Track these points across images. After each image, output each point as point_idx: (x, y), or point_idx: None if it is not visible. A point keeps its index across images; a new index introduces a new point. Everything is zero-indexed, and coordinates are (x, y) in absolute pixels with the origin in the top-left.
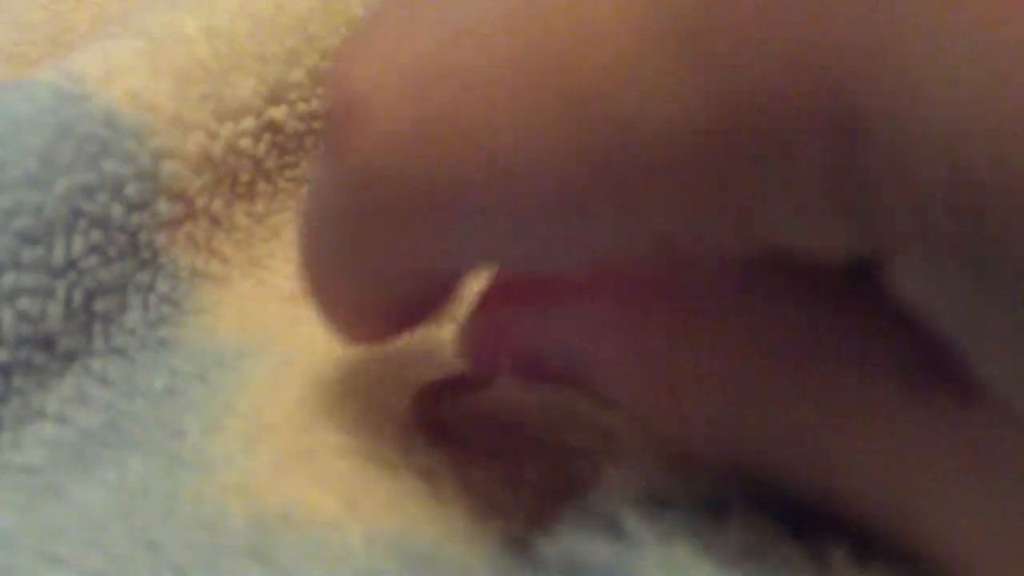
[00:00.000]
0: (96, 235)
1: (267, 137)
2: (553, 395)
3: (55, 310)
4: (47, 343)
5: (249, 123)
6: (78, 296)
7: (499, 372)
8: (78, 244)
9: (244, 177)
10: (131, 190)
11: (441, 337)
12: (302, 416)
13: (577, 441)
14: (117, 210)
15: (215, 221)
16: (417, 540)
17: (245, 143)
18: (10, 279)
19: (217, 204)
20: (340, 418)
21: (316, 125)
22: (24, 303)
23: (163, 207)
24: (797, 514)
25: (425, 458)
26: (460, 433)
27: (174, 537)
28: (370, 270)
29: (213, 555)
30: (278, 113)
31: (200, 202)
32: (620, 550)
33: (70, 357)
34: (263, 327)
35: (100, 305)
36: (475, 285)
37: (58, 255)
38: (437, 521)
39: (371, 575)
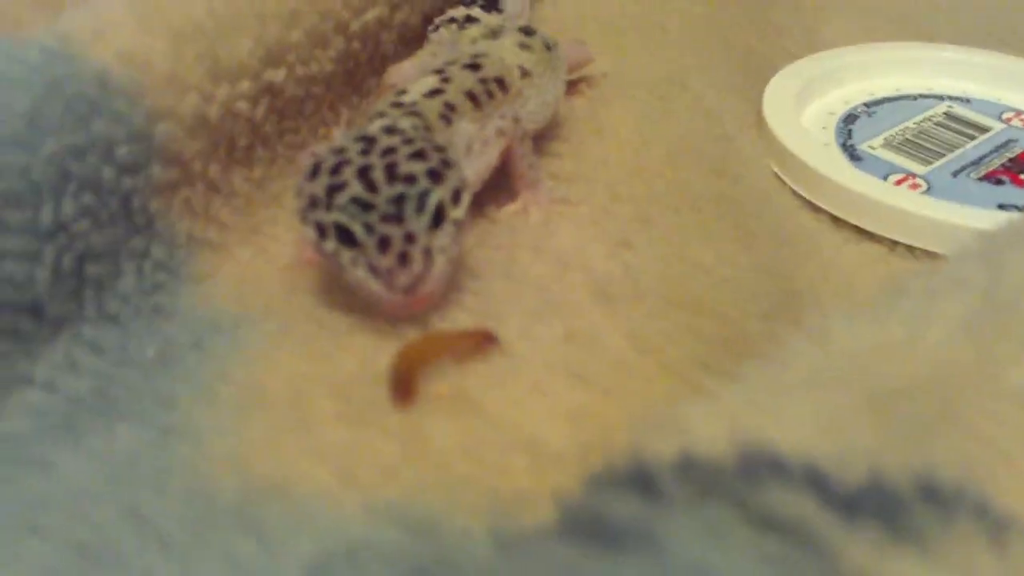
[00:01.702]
0: (87, 198)
1: (265, 100)
2: None
3: (43, 275)
4: (35, 308)
5: (246, 85)
6: (68, 261)
7: None
8: (68, 207)
9: (242, 141)
10: (123, 152)
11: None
12: (297, 384)
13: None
14: (108, 172)
15: (213, 186)
16: (415, 508)
17: (242, 106)
18: None
19: (214, 169)
20: (335, 385)
21: (316, 90)
22: (9, 267)
23: (157, 170)
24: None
25: (425, 424)
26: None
27: (162, 509)
28: None
29: (202, 527)
30: (276, 75)
31: (196, 166)
32: (651, 509)
33: (59, 323)
34: (261, 295)
35: (92, 270)
36: None
37: (46, 218)
38: (436, 488)
39: (367, 545)
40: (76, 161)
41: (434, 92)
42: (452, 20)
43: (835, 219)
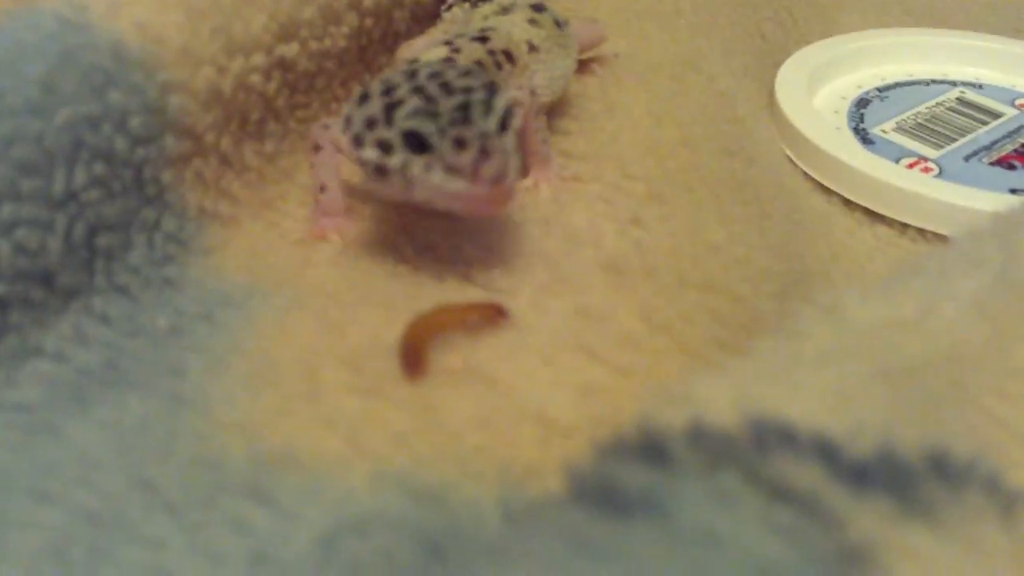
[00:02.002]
0: (99, 167)
1: (278, 75)
2: None
3: (54, 244)
4: (46, 278)
5: (259, 59)
6: (79, 230)
7: None
8: (80, 176)
9: (254, 115)
10: (136, 123)
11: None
12: (308, 356)
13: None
14: (121, 143)
15: (224, 160)
16: (425, 478)
17: (255, 80)
18: (8, 209)
19: (226, 142)
20: (346, 357)
21: (328, 65)
22: (22, 235)
23: (170, 142)
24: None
25: (434, 395)
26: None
27: (170, 476)
28: None
29: (211, 495)
30: (289, 51)
31: (209, 139)
32: (660, 477)
33: (70, 294)
34: (272, 269)
35: (102, 241)
36: None
37: (58, 186)
38: (446, 459)
39: (377, 515)
40: (90, 130)
41: (445, 61)
42: None
43: (847, 202)
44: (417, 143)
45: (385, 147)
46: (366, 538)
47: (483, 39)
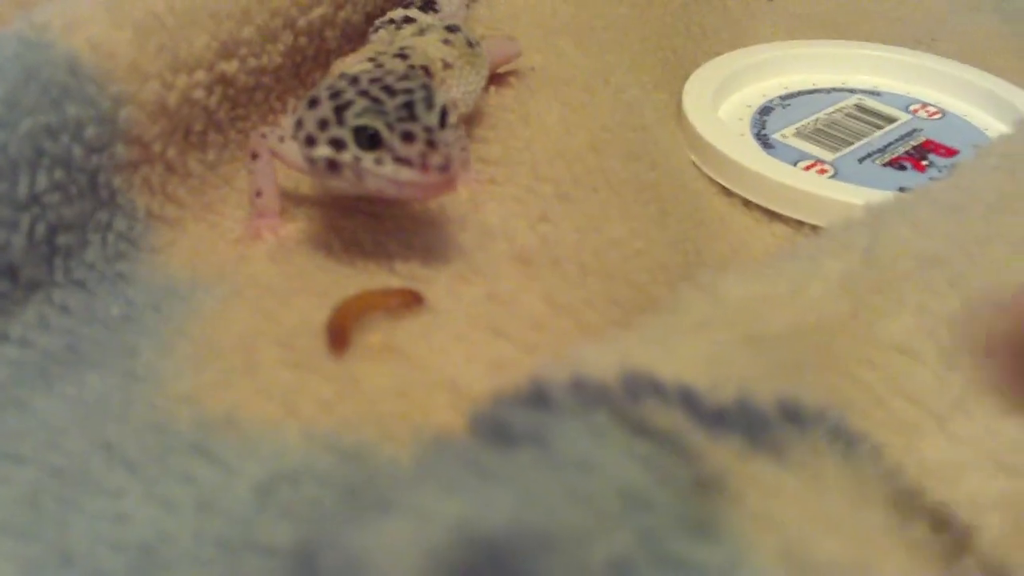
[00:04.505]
0: (59, 173)
1: (219, 89)
2: None
3: (19, 241)
4: (11, 271)
5: (202, 75)
6: (41, 230)
7: None
8: (42, 181)
9: (197, 127)
10: (90, 133)
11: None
12: (246, 338)
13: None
14: (77, 151)
15: (170, 167)
16: (349, 438)
17: (198, 94)
18: None
19: (172, 151)
20: (280, 338)
21: (265, 80)
22: None
23: (121, 151)
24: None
25: (357, 368)
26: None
27: (127, 438)
28: None
29: (162, 453)
30: (229, 67)
31: (156, 148)
32: (544, 417)
33: (32, 286)
34: (213, 265)
35: (62, 240)
36: None
37: (22, 190)
38: (367, 422)
39: (307, 469)
40: (50, 140)
41: (376, 69)
42: (391, 21)
43: (747, 202)
44: (367, 139)
45: (338, 144)
46: (297, 487)
47: (403, 56)
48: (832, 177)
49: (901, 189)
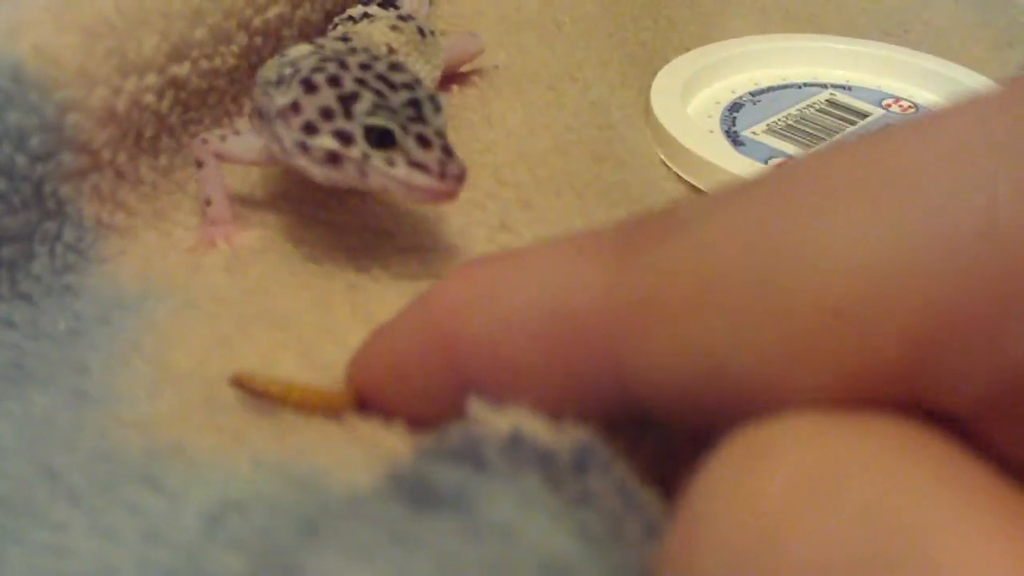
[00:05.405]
0: (2, 184)
1: (170, 93)
2: None
3: None
4: None
5: (152, 79)
6: None
7: None
8: None
9: (148, 132)
10: (35, 141)
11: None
12: (203, 367)
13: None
14: (21, 160)
15: (120, 174)
16: (304, 464)
17: (149, 99)
18: None
19: (122, 157)
20: (236, 369)
21: (219, 83)
22: None
23: (68, 158)
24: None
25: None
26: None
27: (73, 465)
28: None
29: (109, 482)
30: (181, 70)
31: (105, 155)
32: (475, 478)
33: None
34: (165, 276)
35: (6, 252)
36: None
37: None
38: (324, 450)
39: (256, 496)
40: None
41: (311, 55)
42: (350, 18)
43: None
44: (378, 137)
45: (345, 138)
46: (246, 516)
47: (345, 39)
48: None
49: None
